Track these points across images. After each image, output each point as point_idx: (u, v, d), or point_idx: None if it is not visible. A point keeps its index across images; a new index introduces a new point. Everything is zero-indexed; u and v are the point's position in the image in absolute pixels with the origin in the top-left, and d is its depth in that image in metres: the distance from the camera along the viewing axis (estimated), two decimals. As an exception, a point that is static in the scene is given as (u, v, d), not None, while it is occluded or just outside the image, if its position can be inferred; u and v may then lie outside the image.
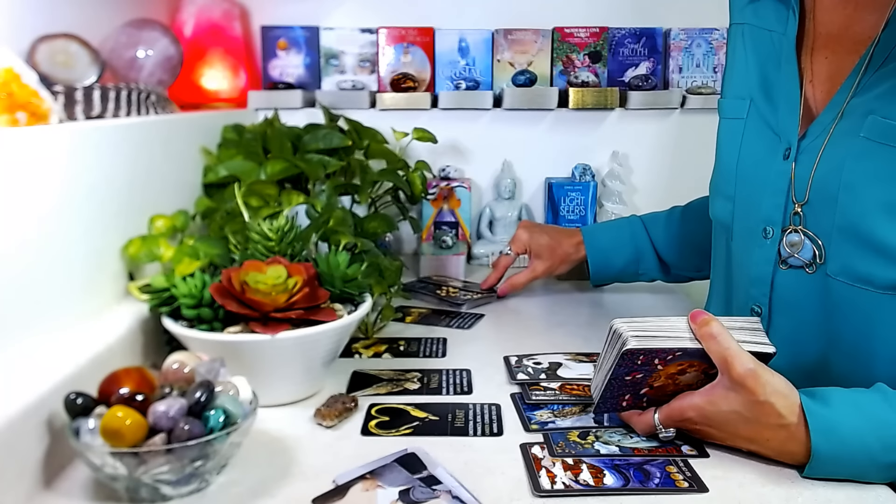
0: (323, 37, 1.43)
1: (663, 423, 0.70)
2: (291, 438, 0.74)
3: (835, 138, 0.74)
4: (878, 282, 0.71)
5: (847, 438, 0.64)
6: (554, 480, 0.65)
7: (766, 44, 0.84)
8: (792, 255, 0.77)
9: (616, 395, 0.72)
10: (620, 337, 0.69)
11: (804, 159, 0.76)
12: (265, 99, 1.40)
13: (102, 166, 0.84)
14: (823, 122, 0.76)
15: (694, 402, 0.69)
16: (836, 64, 0.77)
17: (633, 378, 0.70)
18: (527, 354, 0.94)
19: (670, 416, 0.70)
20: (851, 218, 0.72)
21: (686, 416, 0.69)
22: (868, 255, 0.71)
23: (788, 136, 0.78)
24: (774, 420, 0.65)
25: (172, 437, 0.60)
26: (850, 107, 0.73)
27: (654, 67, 1.45)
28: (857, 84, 0.73)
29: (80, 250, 0.80)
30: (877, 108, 0.71)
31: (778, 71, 0.82)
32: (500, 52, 1.44)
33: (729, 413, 0.67)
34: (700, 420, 0.69)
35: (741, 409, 0.66)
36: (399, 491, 0.64)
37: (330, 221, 1.00)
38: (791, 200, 0.77)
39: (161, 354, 0.82)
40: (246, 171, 1.08)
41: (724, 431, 0.68)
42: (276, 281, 0.77)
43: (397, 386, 0.86)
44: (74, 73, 0.93)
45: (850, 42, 0.76)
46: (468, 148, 1.48)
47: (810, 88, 0.79)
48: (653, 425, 0.71)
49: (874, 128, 0.71)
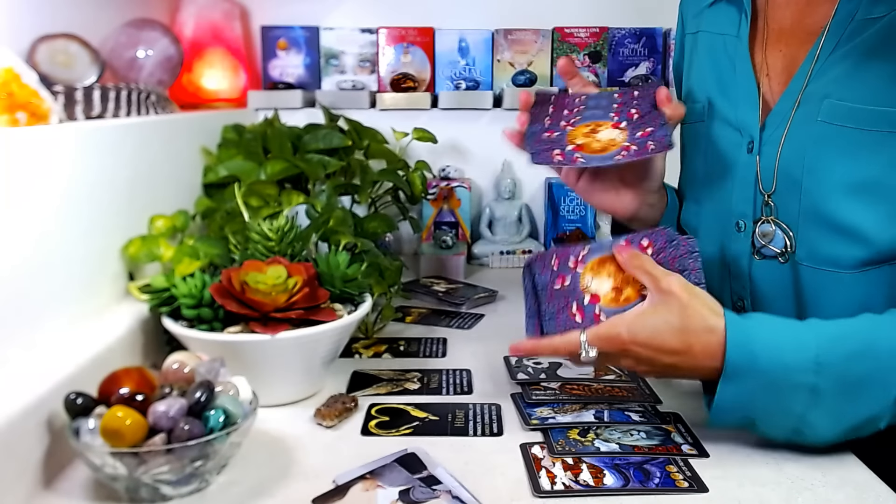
0: (323, 37, 1.43)
1: (590, 342, 0.70)
2: (291, 438, 0.74)
3: (794, 126, 0.76)
4: (845, 262, 0.73)
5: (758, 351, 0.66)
6: (554, 481, 0.65)
7: (720, 47, 0.86)
8: (765, 246, 0.78)
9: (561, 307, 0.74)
10: None
11: (767, 150, 0.78)
12: (265, 99, 1.40)
13: (102, 166, 0.84)
14: (781, 111, 0.77)
15: (624, 319, 0.70)
16: (791, 56, 0.79)
17: (563, 283, 0.75)
18: (527, 354, 0.94)
19: (598, 334, 0.70)
20: (815, 202, 0.73)
21: (615, 334, 0.69)
22: (832, 237, 0.73)
23: (750, 130, 0.80)
24: (700, 322, 0.67)
25: (172, 437, 0.60)
26: (805, 94, 0.75)
27: (654, 67, 1.45)
28: (812, 71, 0.75)
29: (80, 250, 0.80)
30: (832, 91, 0.73)
31: (733, 70, 0.83)
32: (500, 52, 1.44)
33: (659, 323, 0.68)
34: (628, 338, 0.69)
35: (669, 316, 0.68)
36: (399, 491, 0.64)
37: (330, 221, 1.00)
38: (759, 191, 0.78)
39: (161, 354, 0.82)
40: (246, 171, 1.08)
41: (651, 347, 0.68)
42: (276, 281, 0.77)
43: (397, 386, 0.86)
44: (74, 73, 0.93)
45: (803, 34, 0.78)
46: (468, 148, 1.48)
47: (766, 82, 0.81)
48: (577, 343, 0.70)
49: (831, 111, 0.73)
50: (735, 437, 0.73)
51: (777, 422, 0.68)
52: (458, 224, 1.44)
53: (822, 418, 0.66)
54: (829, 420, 0.66)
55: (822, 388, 0.65)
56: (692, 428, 0.75)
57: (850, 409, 0.66)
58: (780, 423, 0.68)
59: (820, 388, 0.65)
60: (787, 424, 0.68)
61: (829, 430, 0.67)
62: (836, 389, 0.65)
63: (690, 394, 0.83)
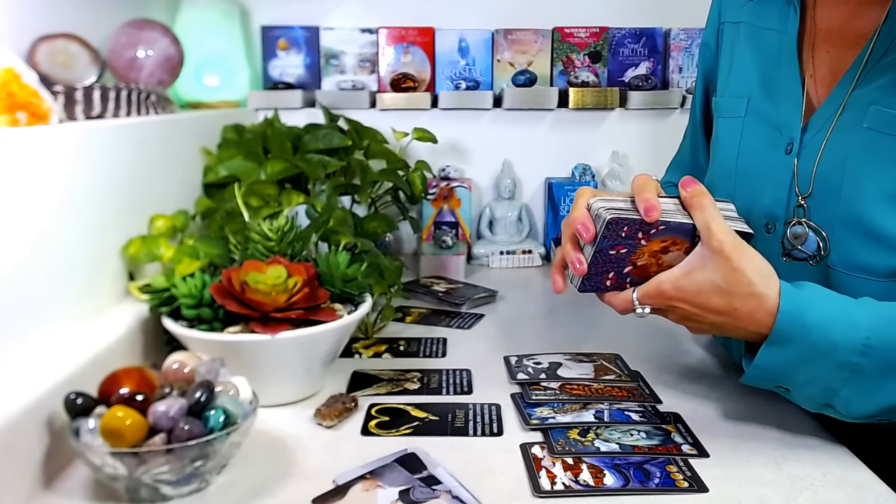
0: (323, 37, 1.43)
1: (640, 300, 0.72)
2: (291, 438, 0.74)
3: (837, 130, 0.74)
4: (879, 270, 0.71)
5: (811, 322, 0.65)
6: (554, 481, 0.65)
7: (765, 42, 0.84)
8: (795, 248, 0.77)
9: (601, 272, 0.74)
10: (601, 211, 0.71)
11: (807, 153, 0.77)
12: (265, 99, 1.40)
13: (102, 166, 0.84)
14: (825, 114, 0.76)
15: (671, 275, 0.70)
16: (838, 58, 0.77)
17: (618, 252, 0.72)
18: (527, 354, 0.94)
19: (647, 292, 0.72)
20: (855, 208, 0.72)
21: (662, 290, 0.70)
22: (869, 245, 0.72)
23: (790, 131, 0.79)
24: (745, 288, 0.66)
25: (172, 437, 0.60)
26: (851, 99, 0.74)
27: (654, 67, 1.45)
28: (859, 76, 0.73)
29: (80, 250, 0.80)
30: (879, 98, 0.71)
31: (778, 68, 0.82)
32: (500, 52, 1.44)
33: (703, 282, 0.68)
34: (675, 294, 0.70)
35: (715, 276, 0.67)
36: (399, 491, 0.64)
37: (330, 221, 1.00)
38: (794, 193, 0.77)
39: (161, 354, 0.82)
40: (246, 171, 1.08)
41: (696, 304, 0.69)
42: (276, 281, 0.77)
43: (397, 386, 0.86)
44: (74, 73, 0.93)
45: (852, 36, 0.76)
46: (468, 148, 1.48)
47: (812, 83, 0.79)
48: (631, 301, 0.73)
49: (877, 118, 0.71)
50: (735, 436, 0.73)
51: (811, 393, 0.68)
52: (458, 224, 1.44)
53: (858, 395, 0.66)
54: (865, 398, 0.66)
55: (865, 367, 0.65)
56: (692, 428, 0.75)
57: (887, 389, 0.65)
58: (814, 395, 0.68)
59: (862, 368, 0.65)
60: (820, 397, 0.68)
61: (861, 408, 0.67)
62: (878, 370, 0.65)
63: (690, 394, 0.83)
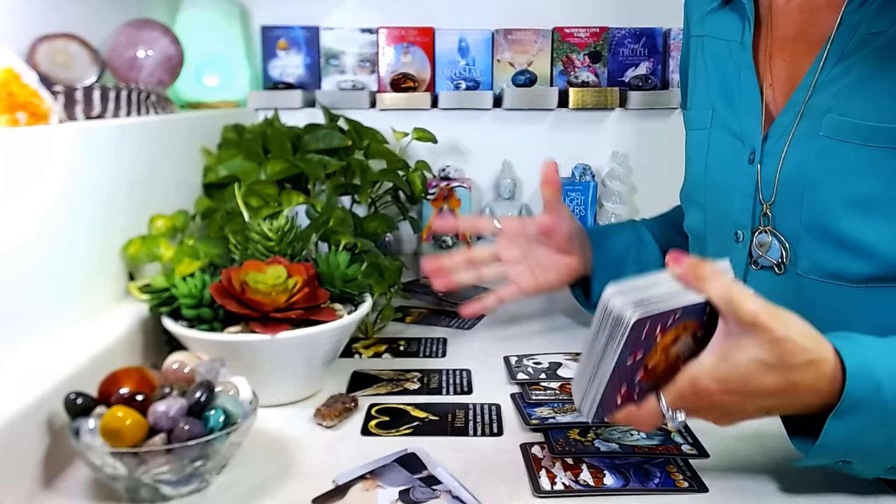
0: (323, 37, 1.43)
1: (672, 405, 0.59)
2: (291, 438, 0.74)
3: (796, 139, 0.75)
4: (850, 276, 0.71)
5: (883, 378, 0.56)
6: (554, 481, 0.65)
7: (725, 53, 0.85)
8: (762, 256, 0.77)
9: (614, 388, 0.59)
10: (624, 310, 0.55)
11: (769, 161, 0.77)
12: (265, 99, 1.40)
13: (102, 166, 0.84)
14: (784, 123, 0.76)
15: (704, 366, 0.57)
16: (794, 66, 0.78)
17: (634, 360, 0.58)
18: (527, 354, 0.94)
19: (680, 393, 0.58)
20: (818, 216, 0.72)
21: (698, 387, 0.57)
22: (837, 252, 0.71)
23: (752, 141, 0.79)
24: (800, 357, 0.55)
25: (172, 437, 0.60)
26: (808, 106, 0.74)
27: (654, 67, 1.45)
28: (814, 83, 0.74)
29: (80, 250, 0.80)
30: (833, 106, 0.72)
31: (738, 78, 0.82)
32: (500, 52, 1.44)
33: (748, 364, 0.56)
34: (716, 387, 0.57)
35: (760, 353, 0.56)
36: (399, 491, 0.64)
37: (330, 221, 1.00)
38: (759, 202, 0.77)
39: (161, 354, 0.82)
40: (246, 171, 1.08)
41: (746, 393, 0.57)
42: (276, 281, 0.77)
43: (397, 386, 0.86)
44: (74, 73, 0.93)
45: (807, 44, 0.77)
46: (468, 148, 1.48)
47: (770, 92, 0.80)
48: (659, 413, 0.59)
49: (832, 126, 0.71)
50: (735, 436, 0.73)
51: (879, 459, 0.60)
52: (458, 224, 1.43)
53: None
54: None
55: None
56: (692, 428, 0.75)
57: None
58: (881, 460, 0.60)
59: None
60: (887, 461, 0.60)
61: None
62: None
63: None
